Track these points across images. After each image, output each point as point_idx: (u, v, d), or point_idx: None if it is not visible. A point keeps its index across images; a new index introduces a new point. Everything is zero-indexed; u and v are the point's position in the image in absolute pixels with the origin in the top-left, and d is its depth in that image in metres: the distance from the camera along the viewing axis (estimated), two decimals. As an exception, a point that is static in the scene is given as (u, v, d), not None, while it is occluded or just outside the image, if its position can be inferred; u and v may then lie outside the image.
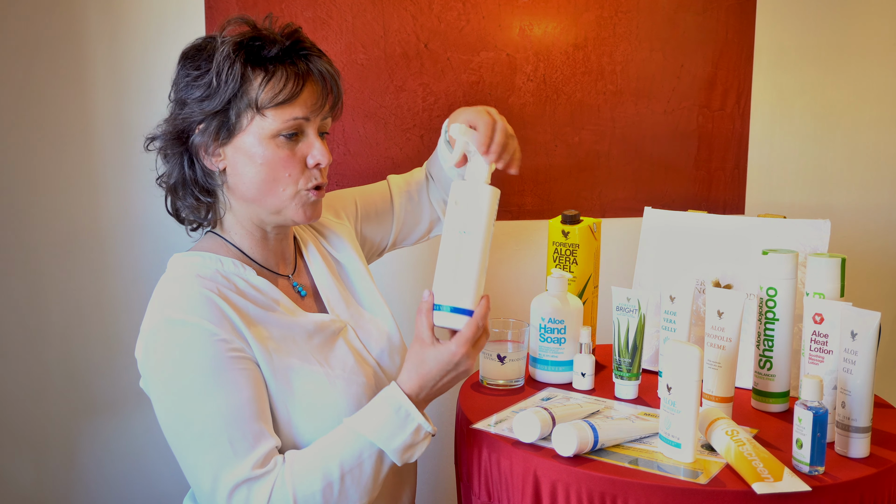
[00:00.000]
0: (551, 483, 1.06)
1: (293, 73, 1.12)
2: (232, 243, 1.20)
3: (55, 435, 1.68)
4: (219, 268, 1.15)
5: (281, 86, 1.11)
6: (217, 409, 1.05)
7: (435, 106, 1.82)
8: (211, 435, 1.05)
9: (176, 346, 1.07)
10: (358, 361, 1.20)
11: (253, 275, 1.17)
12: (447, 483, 1.92)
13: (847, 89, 2.11)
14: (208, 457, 1.05)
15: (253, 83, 1.11)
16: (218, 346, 1.07)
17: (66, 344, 1.67)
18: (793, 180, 2.11)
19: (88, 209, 1.65)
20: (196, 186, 1.17)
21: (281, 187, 1.14)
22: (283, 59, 1.12)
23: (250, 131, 1.12)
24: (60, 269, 1.64)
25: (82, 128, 1.63)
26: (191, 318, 1.07)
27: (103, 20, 1.61)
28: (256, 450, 1.06)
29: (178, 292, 1.11)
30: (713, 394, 1.23)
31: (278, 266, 1.24)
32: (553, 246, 1.57)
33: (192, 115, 1.13)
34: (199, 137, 1.14)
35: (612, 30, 1.91)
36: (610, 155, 1.96)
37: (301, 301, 1.24)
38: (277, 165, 1.13)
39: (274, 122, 1.12)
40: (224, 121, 1.12)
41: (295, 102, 1.12)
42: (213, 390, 1.06)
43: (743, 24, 2.01)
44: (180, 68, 1.15)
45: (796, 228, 1.39)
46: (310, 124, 1.14)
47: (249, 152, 1.13)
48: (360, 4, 1.74)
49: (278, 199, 1.15)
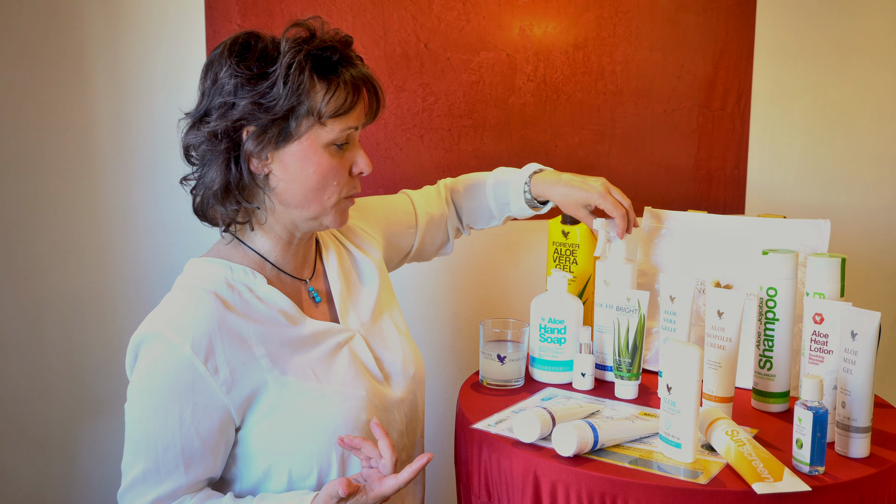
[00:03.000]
0: (551, 483, 1.06)
1: (350, 83, 1.12)
2: (252, 248, 1.19)
3: (56, 434, 1.68)
4: (228, 275, 1.15)
5: (343, 97, 1.11)
6: (149, 433, 1.08)
7: (435, 106, 1.82)
8: (135, 452, 1.09)
9: (151, 359, 1.08)
10: (359, 374, 1.18)
11: (262, 283, 1.16)
12: (447, 483, 1.92)
13: (847, 89, 2.11)
14: (128, 470, 1.11)
15: (317, 93, 1.10)
16: (186, 373, 1.07)
17: (66, 344, 1.67)
18: (793, 180, 2.11)
19: (88, 209, 1.65)
20: (241, 192, 1.13)
21: (327, 195, 1.15)
22: (339, 69, 1.12)
23: (306, 138, 1.11)
24: (60, 269, 1.65)
25: (82, 128, 1.63)
26: (175, 339, 1.07)
27: (103, 20, 1.61)
28: (163, 487, 1.09)
29: (179, 309, 1.10)
30: (713, 394, 1.23)
31: (298, 270, 1.23)
32: (553, 246, 1.57)
33: (245, 117, 1.09)
34: (251, 142, 1.10)
35: (612, 30, 1.91)
36: (610, 155, 1.96)
37: (315, 307, 1.23)
38: (329, 174, 1.13)
39: (332, 131, 1.12)
40: (284, 127, 1.10)
41: (351, 113, 1.13)
42: (155, 413, 1.08)
43: (743, 23, 2.01)
44: (229, 66, 1.09)
45: (796, 228, 1.39)
46: (356, 133, 1.16)
47: (304, 160, 1.12)
48: (360, 4, 1.74)
49: (321, 206, 1.15)
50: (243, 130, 1.10)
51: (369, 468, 1.09)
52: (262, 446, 1.12)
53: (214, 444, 1.10)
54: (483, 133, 1.86)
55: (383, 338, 1.27)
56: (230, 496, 1.12)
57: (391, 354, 1.26)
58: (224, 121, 1.09)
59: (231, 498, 1.12)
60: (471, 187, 1.51)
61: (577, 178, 1.40)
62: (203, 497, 1.11)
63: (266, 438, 1.12)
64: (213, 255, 1.18)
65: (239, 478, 1.15)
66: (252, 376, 1.10)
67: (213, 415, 1.09)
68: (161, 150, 1.66)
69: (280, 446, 1.12)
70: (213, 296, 1.11)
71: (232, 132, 1.10)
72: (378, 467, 1.07)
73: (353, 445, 1.08)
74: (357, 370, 1.19)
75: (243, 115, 1.08)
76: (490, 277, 1.92)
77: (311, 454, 1.12)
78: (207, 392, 1.08)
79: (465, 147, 1.85)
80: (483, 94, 1.85)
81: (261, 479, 1.14)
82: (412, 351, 1.30)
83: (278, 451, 1.12)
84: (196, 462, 1.09)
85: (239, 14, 1.68)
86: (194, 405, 1.07)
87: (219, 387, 1.08)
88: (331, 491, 1.05)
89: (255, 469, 1.14)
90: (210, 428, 1.09)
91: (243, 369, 1.09)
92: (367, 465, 1.09)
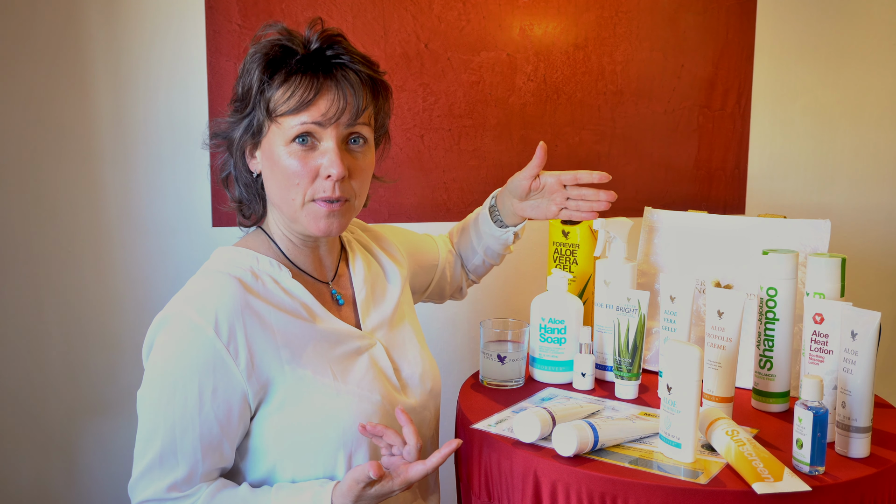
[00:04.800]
0: (551, 483, 1.06)
1: (309, 81, 1.10)
2: (275, 242, 1.20)
3: (55, 435, 1.68)
4: (253, 265, 1.15)
5: (291, 93, 1.09)
6: (168, 414, 1.06)
7: (435, 106, 1.82)
8: (151, 436, 1.07)
9: (174, 339, 1.07)
10: (376, 380, 1.18)
11: (287, 276, 1.16)
12: (447, 483, 1.92)
13: (847, 89, 2.11)
14: (141, 457, 1.08)
15: (273, 90, 1.11)
16: (208, 354, 1.06)
17: (66, 344, 1.67)
18: (793, 180, 2.11)
19: (88, 209, 1.65)
20: (242, 186, 1.19)
21: (291, 196, 1.12)
22: (305, 67, 1.10)
23: (269, 136, 1.12)
24: (61, 269, 1.65)
25: (83, 127, 1.63)
26: (198, 320, 1.06)
27: (103, 20, 1.62)
28: (180, 471, 1.07)
29: (203, 290, 1.10)
30: (713, 394, 1.23)
31: (317, 272, 1.23)
32: (553, 246, 1.57)
33: (232, 118, 1.16)
34: (238, 137, 1.15)
35: (613, 30, 1.91)
36: (610, 155, 1.96)
37: (338, 309, 1.22)
38: (288, 173, 1.11)
39: (286, 128, 1.10)
40: (250, 124, 1.13)
41: (306, 111, 1.09)
42: (175, 394, 1.06)
43: (743, 24, 2.01)
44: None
45: (796, 228, 1.39)
46: (326, 132, 1.10)
47: (269, 156, 1.13)
48: (360, 4, 1.74)
49: (290, 208, 1.13)
50: (235, 127, 1.16)
51: (391, 456, 1.09)
52: (271, 440, 1.11)
53: (232, 430, 1.09)
54: (483, 133, 1.86)
55: (404, 349, 1.26)
56: (246, 486, 1.11)
57: (409, 366, 1.25)
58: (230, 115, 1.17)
59: (247, 487, 1.10)
60: (462, 226, 1.53)
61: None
62: (219, 486, 1.10)
63: (276, 432, 1.11)
64: (242, 245, 1.19)
65: (242, 474, 1.15)
66: (270, 365, 1.09)
67: (233, 399, 1.08)
68: (161, 149, 1.66)
69: (288, 441, 1.11)
70: (237, 281, 1.11)
71: (229, 129, 1.17)
72: (402, 454, 1.07)
73: (375, 433, 1.08)
74: (375, 375, 1.18)
75: (230, 111, 1.16)
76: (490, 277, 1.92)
77: (319, 452, 1.11)
78: (228, 375, 1.07)
79: (465, 147, 1.85)
80: (483, 94, 1.85)
81: (265, 477, 1.13)
82: (431, 366, 1.30)
83: (286, 446, 1.11)
84: (213, 448, 1.08)
85: (239, 14, 1.68)
86: (214, 388, 1.06)
87: (239, 371, 1.07)
88: (358, 476, 1.04)
89: (261, 465, 1.13)
90: (228, 413, 1.08)
91: (262, 356, 1.09)
92: (389, 454, 1.09)
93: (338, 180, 1.11)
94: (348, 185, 1.13)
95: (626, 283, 1.40)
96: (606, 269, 1.41)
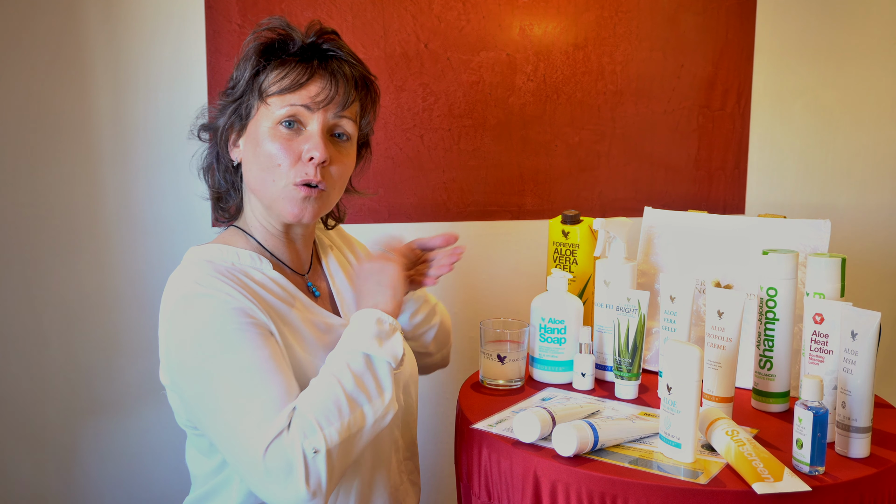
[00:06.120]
0: (551, 483, 1.06)
1: (303, 66, 1.15)
2: (252, 236, 1.21)
3: (55, 435, 1.68)
4: (234, 260, 1.16)
5: (285, 75, 1.14)
6: (243, 365, 1.03)
7: (435, 106, 1.82)
8: (237, 393, 1.02)
9: (195, 317, 1.07)
10: None
11: (269, 268, 1.18)
12: (447, 483, 1.92)
13: (847, 89, 2.11)
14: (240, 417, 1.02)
15: (266, 73, 1.15)
16: (234, 312, 1.06)
17: (66, 344, 1.67)
18: (793, 180, 2.11)
19: (88, 209, 1.65)
20: (221, 174, 1.22)
21: (272, 177, 1.14)
22: (301, 56, 1.16)
23: (257, 119, 1.15)
24: (60, 269, 1.64)
25: (82, 127, 1.63)
26: (206, 290, 1.07)
27: (103, 20, 1.61)
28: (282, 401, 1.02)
29: (190, 275, 1.11)
30: (713, 394, 1.23)
31: (294, 264, 1.24)
32: (553, 246, 1.57)
33: (221, 104, 1.20)
34: (223, 123, 1.19)
35: (613, 30, 1.91)
36: (610, 155, 1.96)
37: (315, 301, 1.24)
38: (273, 153, 1.13)
39: (275, 108, 1.14)
40: (237, 109, 1.17)
41: (297, 92, 1.14)
42: (236, 348, 1.04)
43: (743, 24, 2.01)
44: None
45: (796, 228, 1.39)
46: (313, 117, 1.14)
47: (254, 139, 1.15)
48: (360, 4, 1.74)
49: (269, 191, 1.15)
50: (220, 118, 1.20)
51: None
52: None
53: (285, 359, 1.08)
54: (483, 133, 1.86)
55: None
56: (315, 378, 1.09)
57: None
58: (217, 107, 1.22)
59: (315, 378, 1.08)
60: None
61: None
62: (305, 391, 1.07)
63: None
64: (218, 242, 1.19)
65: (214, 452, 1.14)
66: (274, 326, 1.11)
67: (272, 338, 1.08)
68: (161, 149, 1.66)
69: None
70: (223, 270, 1.12)
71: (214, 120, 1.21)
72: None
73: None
74: None
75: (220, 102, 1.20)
76: (490, 277, 1.92)
77: None
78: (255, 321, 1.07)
79: (465, 147, 1.85)
80: (483, 94, 1.85)
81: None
82: (406, 349, 1.30)
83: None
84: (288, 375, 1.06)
85: (239, 14, 1.68)
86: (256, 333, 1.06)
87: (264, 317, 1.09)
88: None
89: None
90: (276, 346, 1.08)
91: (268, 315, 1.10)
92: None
93: (319, 164, 1.13)
94: (328, 172, 1.16)
95: (626, 283, 1.40)
96: (606, 269, 1.42)
